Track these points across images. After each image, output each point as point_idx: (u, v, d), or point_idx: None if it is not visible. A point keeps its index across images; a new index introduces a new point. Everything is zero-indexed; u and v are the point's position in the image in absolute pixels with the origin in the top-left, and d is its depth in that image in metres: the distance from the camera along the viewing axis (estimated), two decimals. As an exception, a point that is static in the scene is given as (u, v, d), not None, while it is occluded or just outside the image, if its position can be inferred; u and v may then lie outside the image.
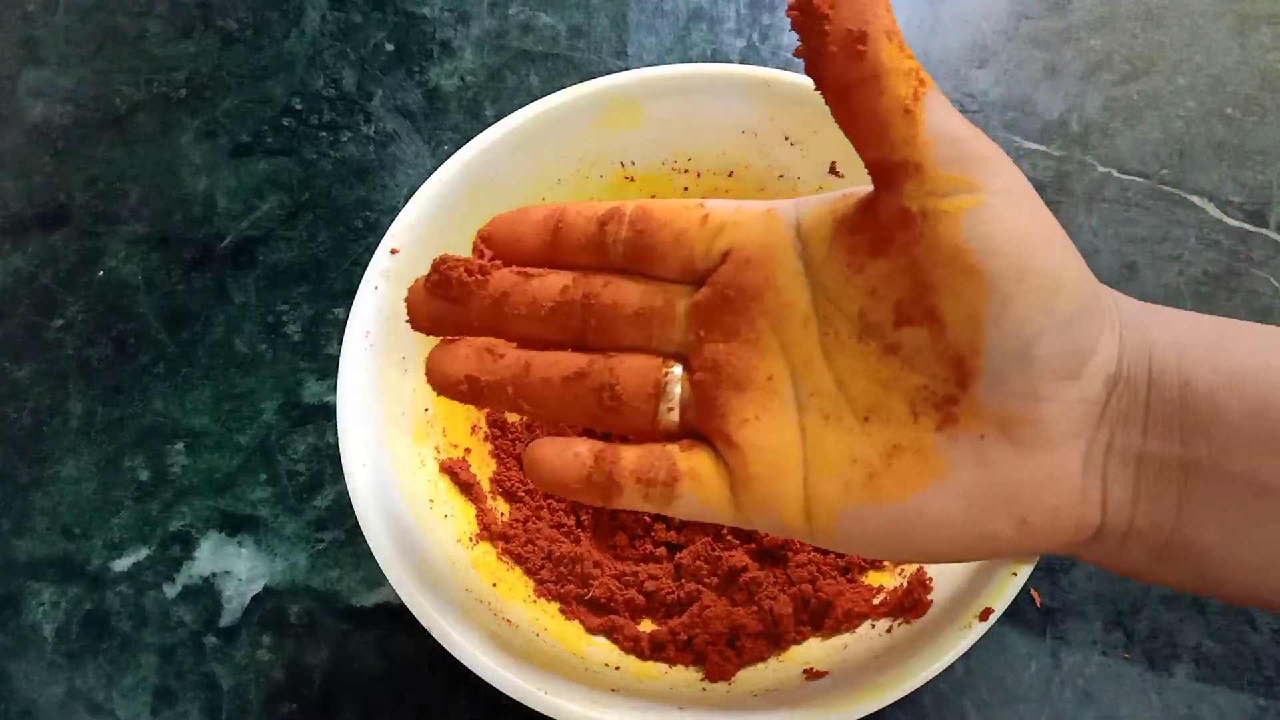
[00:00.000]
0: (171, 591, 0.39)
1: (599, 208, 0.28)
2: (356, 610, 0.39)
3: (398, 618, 0.38)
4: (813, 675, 0.31)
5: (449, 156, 0.37)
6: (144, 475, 0.42)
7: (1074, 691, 0.36)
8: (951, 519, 0.25)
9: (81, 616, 0.39)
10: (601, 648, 0.34)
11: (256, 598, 0.39)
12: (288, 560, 0.40)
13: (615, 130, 0.39)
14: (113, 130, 0.50)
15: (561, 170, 0.39)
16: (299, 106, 0.50)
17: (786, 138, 0.38)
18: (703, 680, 0.33)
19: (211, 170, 0.49)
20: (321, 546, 0.40)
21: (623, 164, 0.40)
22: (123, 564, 0.40)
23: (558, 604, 0.35)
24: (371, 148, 0.49)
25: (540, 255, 0.28)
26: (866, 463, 0.25)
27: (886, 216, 0.25)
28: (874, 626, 0.33)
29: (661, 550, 0.37)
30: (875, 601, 0.34)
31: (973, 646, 0.29)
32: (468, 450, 0.38)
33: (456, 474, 0.36)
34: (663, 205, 0.28)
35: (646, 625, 0.35)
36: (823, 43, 0.23)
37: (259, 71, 0.51)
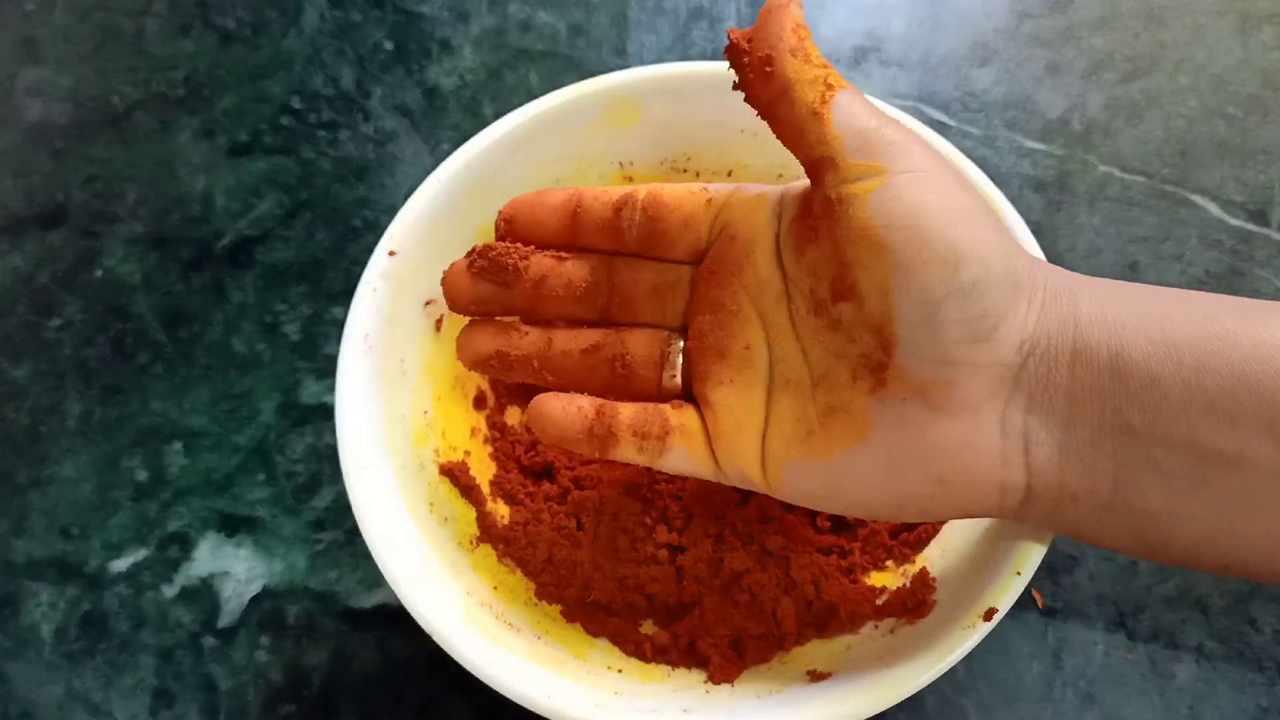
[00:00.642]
0: (170, 592, 0.39)
1: (614, 193, 0.31)
2: (355, 611, 0.39)
3: (397, 619, 0.38)
4: (817, 677, 0.31)
5: (448, 155, 0.37)
6: (142, 476, 0.42)
7: (1076, 692, 0.36)
8: (876, 475, 0.27)
9: (80, 617, 0.39)
10: (604, 651, 0.34)
11: (255, 598, 0.39)
12: (286, 561, 0.40)
13: (614, 129, 0.39)
14: (111, 129, 0.50)
15: (560, 170, 0.39)
16: (298, 105, 0.50)
17: (787, 137, 0.38)
18: (706, 683, 0.33)
19: (210, 169, 0.49)
20: (320, 547, 0.40)
21: (621, 163, 0.40)
22: (121, 564, 0.40)
23: (559, 607, 0.35)
24: (370, 147, 0.49)
25: (559, 238, 0.31)
26: (806, 421, 0.28)
27: (816, 206, 0.27)
28: (877, 627, 0.33)
29: (663, 553, 0.37)
30: (878, 602, 0.34)
31: (974, 647, 0.29)
32: (467, 453, 0.37)
33: (456, 477, 0.36)
34: (671, 190, 0.30)
35: (649, 628, 0.35)
36: (744, 71, 0.27)
37: (257, 70, 0.51)
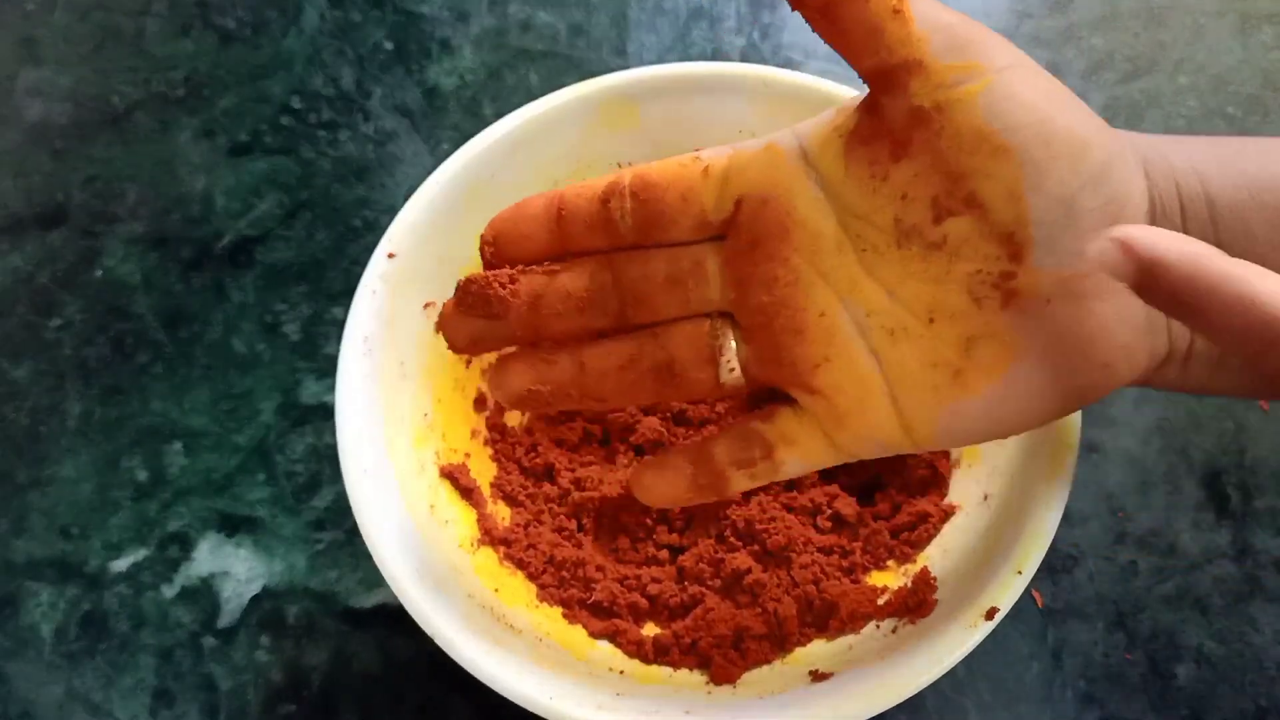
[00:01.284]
0: (170, 592, 0.39)
1: (597, 186, 0.28)
2: (355, 611, 0.39)
3: (397, 619, 0.38)
4: (818, 677, 0.31)
5: (448, 155, 0.37)
6: (142, 475, 0.42)
7: (1075, 692, 0.36)
8: (1041, 386, 0.25)
9: (80, 617, 0.39)
10: (605, 652, 0.34)
11: (255, 598, 0.39)
12: (286, 561, 0.40)
13: (614, 130, 0.39)
14: (111, 129, 0.50)
15: (560, 171, 0.39)
16: (298, 105, 0.50)
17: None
18: (708, 683, 0.33)
19: (210, 169, 0.49)
20: (320, 547, 0.40)
21: (621, 164, 0.40)
22: (121, 564, 0.40)
23: (560, 608, 0.35)
24: (370, 147, 0.49)
25: (550, 248, 0.28)
26: (947, 363, 0.26)
27: (899, 119, 0.25)
28: (878, 627, 0.33)
29: (664, 553, 0.37)
30: (880, 602, 0.34)
31: (974, 647, 0.29)
32: (467, 455, 0.37)
33: (457, 479, 0.36)
34: (659, 168, 0.28)
35: (650, 629, 0.35)
36: None
37: (257, 70, 0.51)
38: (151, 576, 0.40)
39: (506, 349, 0.29)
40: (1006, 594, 0.30)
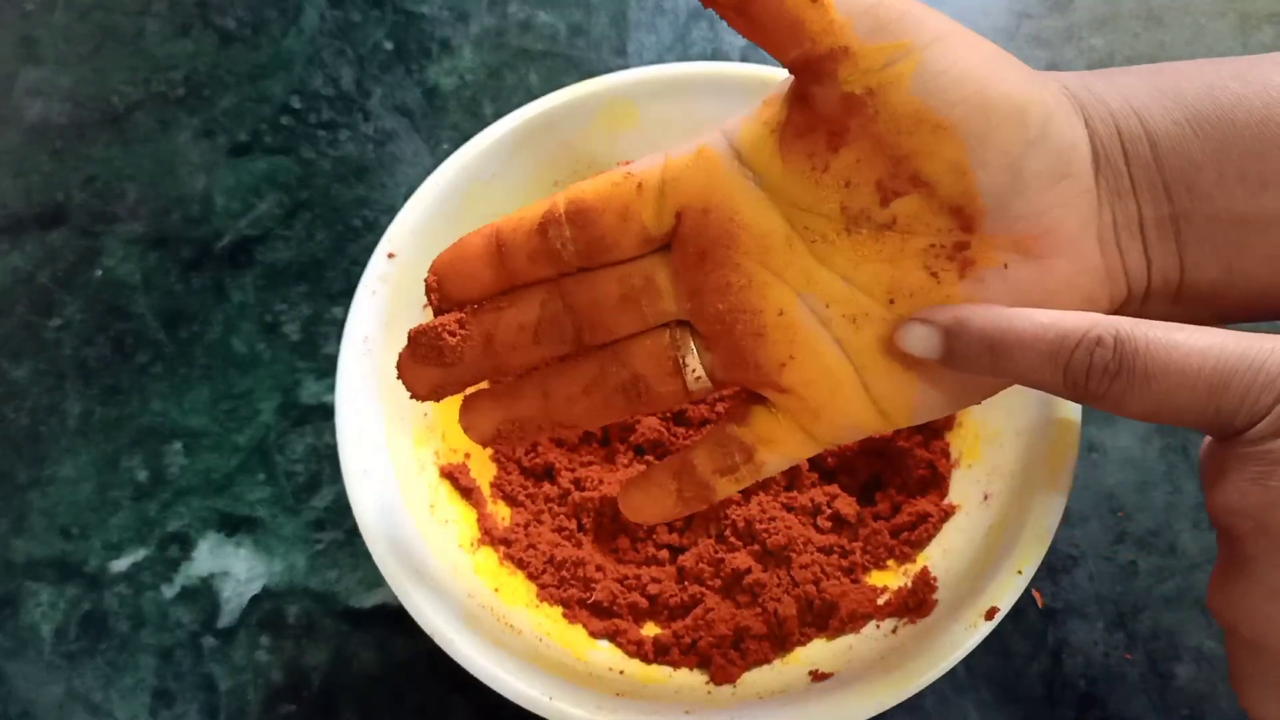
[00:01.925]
0: (170, 592, 0.39)
1: (533, 216, 0.27)
2: (355, 611, 0.39)
3: (396, 619, 0.38)
4: (818, 677, 0.31)
5: (448, 155, 0.37)
6: (142, 475, 0.42)
7: (1075, 693, 0.36)
8: None
9: (80, 617, 0.39)
10: (605, 652, 0.34)
11: (255, 598, 0.39)
12: (286, 561, 0.40)
13: (614, 131, 0.39)
14: (111, 129, 0.50)
15: (559, 172, 0.39)
16: (297, 105, 0.50)
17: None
18: (708, 683, 0.33)
19: (210, 169, 0.49)
20: (320, 547, 0.40)
21: (620, 164, 0.40)
22: (121, 564, 0.40)
23: (560, 608, 0.35)
24: (370, 147, 0.49)
25: (496, 284, 0.28)
26: None
27: (832, 108, 0.24)
28: (879, 627, 0.33)
29: (664, 553, 0.37)
30: (880, 602, 0.34)
31: (974, 647, 0.29)
32: (467, 455, 0.37)
33: (457, 479, 0.36)
34: (593, 188, 0.27)
35: (650, 629, 0.35)
36: None
37: (257, 70, 0.51)
38: (151, 576, 0.40)
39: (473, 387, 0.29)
40: (1006, 594, 0.30)
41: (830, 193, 0.25)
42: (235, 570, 0.40)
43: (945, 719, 0.36)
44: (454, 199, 0.37)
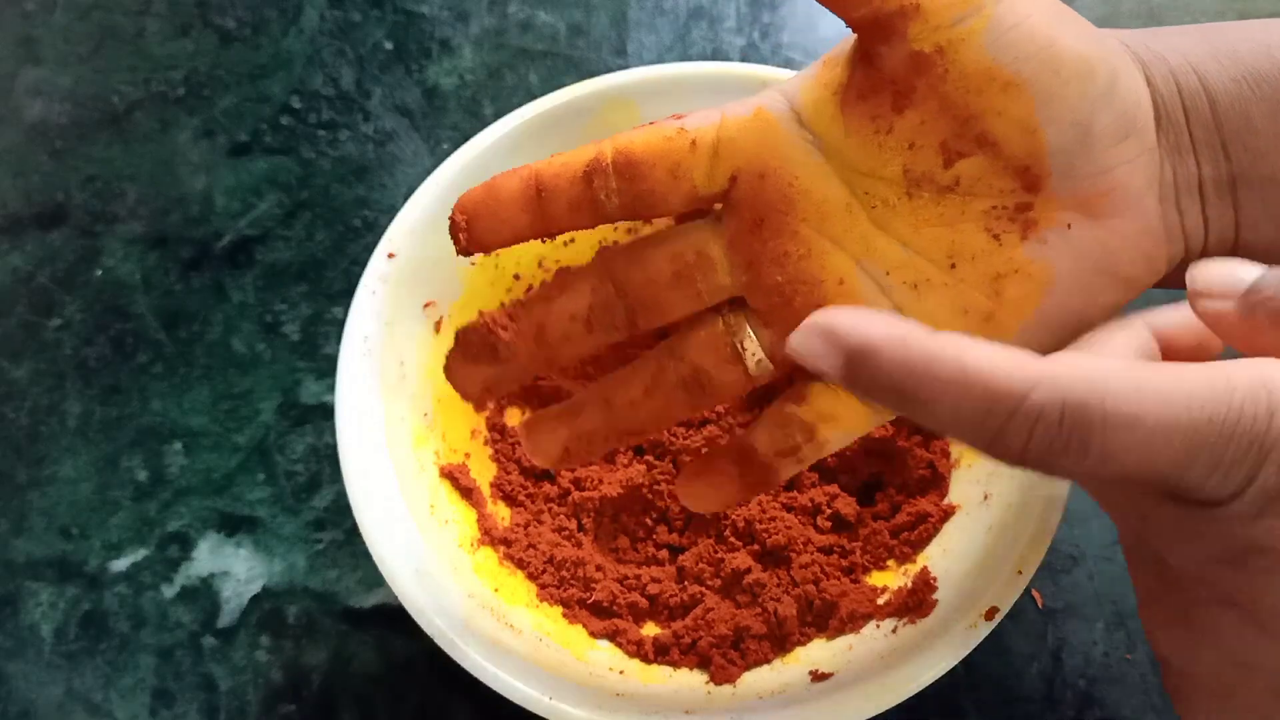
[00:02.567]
0: (169, 592, 0.39)
1: (576, 164, 0.26)
2: (355, 611, 0.39)
3: (396, 619, 0.38)
4: (818, 677, 0.31)
5: (448, 155, 0.37)
6: (142, 475, 0.42)
7: (1075, 693, 0.36)
8: (1076, 310, 0.25)
9: (80, 617, 0.39)
10: (605, 652, 0.34)
11: (255, 598, 0.39)
12: (286, 561, 0.40)
13: (614, 130, 0.39)
14: (111, 129, 0.50)
15: (561, 170, 0.39)
16: (297, 105, 0.50)
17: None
18: (708, 684, 0.33)
19: (209, 169, 0.49)
20: (320, 547, 0.40)
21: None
22: (121, 564, 0.40)
23: (560, 608, 0.35)
24: (370, 146, 0.49)
25: (530, 230, 0.27)
26: (977, 308, 0.25)
27: (899, 68, 0.24)
28: (879, 627, 0.33)
29: (664, 553, 0.37)
30: (880, 602, 0.34)
31: (975, 647, 0.29)
32: (467, 455, 0.37)
33: (457, 479, 0.36)
34: (643, 140, 0.26)
35: (650, 629, 0.35)
36: None
37: (257, 70, 0.51)
38: (151, 576, 0.40)
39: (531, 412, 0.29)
40: (1006, 594, 0.30)
41: (893, 155, 0.25)
42: (235, 570, 0.40)
43: (945, 719, 0.36)
44: (454, 199, 0.37)
